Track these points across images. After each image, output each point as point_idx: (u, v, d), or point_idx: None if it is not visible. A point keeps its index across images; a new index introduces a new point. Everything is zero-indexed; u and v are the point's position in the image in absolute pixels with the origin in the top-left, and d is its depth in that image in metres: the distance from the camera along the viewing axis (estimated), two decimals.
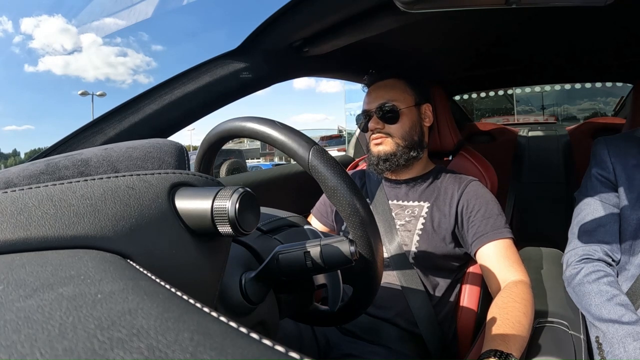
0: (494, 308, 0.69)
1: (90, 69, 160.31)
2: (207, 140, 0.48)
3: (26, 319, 0.14)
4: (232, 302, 0.38)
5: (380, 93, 0.92)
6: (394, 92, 0.92)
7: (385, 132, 0.90)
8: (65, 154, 0.31)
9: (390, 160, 0.90)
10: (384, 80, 0.94)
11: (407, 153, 0.90)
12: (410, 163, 0.92)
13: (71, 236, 0.22)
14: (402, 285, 0.84)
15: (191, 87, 0.79)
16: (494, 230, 0.81)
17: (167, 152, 0.33)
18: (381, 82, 0.94)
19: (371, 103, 0.92)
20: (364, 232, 0.41)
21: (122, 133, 0.74)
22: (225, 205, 0.29)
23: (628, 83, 1.68)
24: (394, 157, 0.90)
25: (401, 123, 0.90)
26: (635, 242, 0.70)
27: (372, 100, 0.92)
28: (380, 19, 0.80)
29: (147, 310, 0.16)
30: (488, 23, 1.00)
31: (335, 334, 0.83)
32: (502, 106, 3.09)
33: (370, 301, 0.47)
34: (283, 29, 0.84)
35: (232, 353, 0.14)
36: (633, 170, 0.74)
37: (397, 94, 0.91)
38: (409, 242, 0.87)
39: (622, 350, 0.61)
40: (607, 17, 0.94)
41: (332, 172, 0.40)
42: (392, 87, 0.93)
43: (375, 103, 0.91)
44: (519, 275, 0.76)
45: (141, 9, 3.25)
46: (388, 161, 0.90)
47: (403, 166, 0.91)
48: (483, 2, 0.60)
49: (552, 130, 1.97)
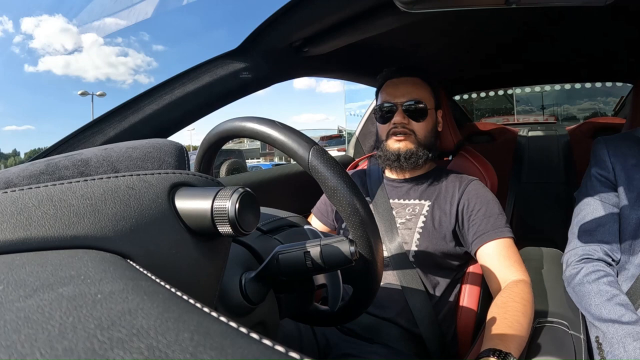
0: (494, 308, 0.69)
1: (90, 69, 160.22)
2: (207, 140, 0.48)
3: (26, 319, 0.14)
4: (232, 302, 0.38)
5: (408, 89, 0.91)
6: (422, 91, 0.91)
7: (410, 128, 0.89)
8: (65, 154, 0.31)
9: (411, 159, 0.89)
10: (410, 77, 0.93)
11: (426, 153, 0.90)
12: (424, 163, 0.92)
13: (71, 236, 0.22)
14: (402, 285, 0.83)
15: (191, 87, 0.79)
16: (494, 230, 0.81)
17: (167, 152, 0.33)
18: (409, 78, 0.93)
19: (397, 97, 0.90)
20: (364, 232, 0.41)
21: (122, 133, 0.74)
22: (225, 205, 0.29)
23: (628, 83, 1.69)
24: (415, 155, 0.89)
25: (426, 122, 0.90)
26: (635, 242, 0.70)
27: (399, 94, 0.90)
28: (381, 18, 0.80)
29: (147, 310, 0.16)
30: (488, 23, 1.00)
31: (335, 333, 0.83)
32: (502, 106, 3.09)
33: (371, 301, 0.47)
34: (283, 29, 0.84)
35: (232, 353, 0.14)
36: (633, 170, 0.74)
37: (424, 94, 0.91)
38: (409, 240, 0.87)
39: (622, 350, 0.61)
40: (607, 17, 0.94)
41: (332, 172, 0.40)
42: (420, 86, 0.92)
43: (402, 97, 0.89)
44: (519, 274, 0.76)
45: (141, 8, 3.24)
46: (409, 159, 0.89)
47: (419, 166, 0.91)
48: (483, 2, 0.60)
49: (552, 130, 1.97)
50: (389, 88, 0.93)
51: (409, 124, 0.89)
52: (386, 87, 0.94)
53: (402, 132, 0.89)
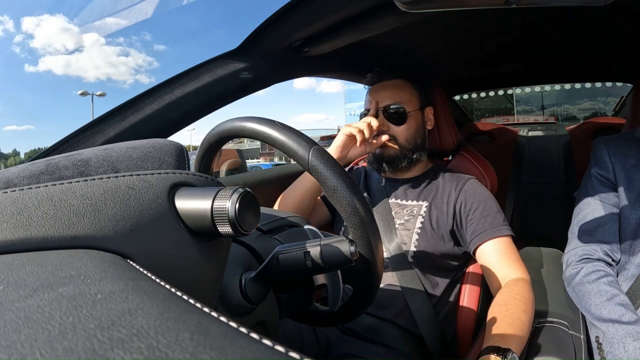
0: (494, 306, 0.69)
1: (91, 69, 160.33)
2: (207, 140, 0.48)
3: (26, 319, 0.14)
4: (232, 302, 0.38)
5: (387, 93, 0.90)
6: (402, 94, 0.90)
7: (390, 133, 0.89)
8: (65, 154, 0.31)
9: (393, 163, 0.90)
10: (391, 80, 0.93)
11: (409, 156, 0.90)
12: (412, 165, 0.92)
13: (71, 236, 0.22)
14: (402, 286, 0.83)
15: (191, 87, 0.79)
16: (492, 228, 0.81)
17: (167, 152, 0.33)
18: (388, 82, 0.93)
19: (377, 102, 0.90)
20: (364, 232, 0.41)
21: (122, 133, 0.73)
22: (225, 205, 0.29)
23: (628, 83, 1.69)
24: (397, 159, 0.89)
25: (407, 125, 0.90)
26: (635, 242, 0.70)
27: (378, 100, 0.90)
28: (381, 18, 0.80)
29: (147, 310, 0.16)
30: (488, 23, 1.00)
31: (335, 333, 0.83)
32: (502, 106, 3.09)
33: (371, 301, 0.47)
34: (283, 29, 0.84)
35: (232, 353, 0.14)
36: (632, 170, 0.74)
37: (404, 96, 0.90)
38: (408, 241, 0.87)
39: (622, 350, 0.61)
40: (607, 17, 0.94)
41: (332, 172, 0.40)
42: (400, 88, 0.91)
43: (382, 103, 0.90)
44: (519, 273, 0.76)
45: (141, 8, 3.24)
46: (391, 164, 0.90)
47: (405, 168, 0.91)
48: (483, 2, 0.60)
49: (552, 130, 1.97)
50: (370, 93, 0.94)
51: (390, 129, 0.89)
52: (370, 92, 0.95)
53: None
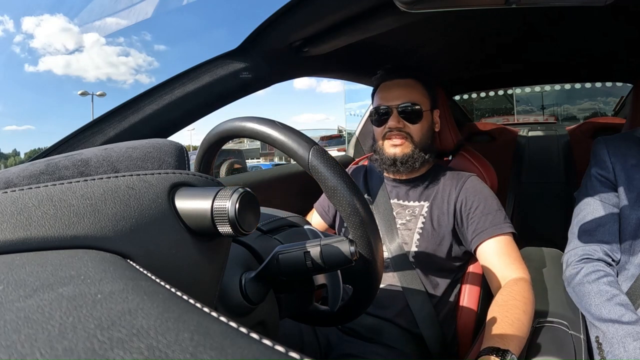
0: (494, 306, 0.69)
1: (91, 69, 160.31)
2: (207, 140, 0.48)
3: (26, 319, 0.14)
4: (232, 302, 0.38)
5: (402, 91, 0.90)
6: (417, 93, 0.90)
7: (406, 131, 0.88)
8: (65, 154, 0.31)
9: (407, 163, 0.88)
10: (405, 79, 0.92)
11: (422, 156, 0.89)
12: (422, 166, 0.91)
13: (71, 236, 0.22)
14: (403, 286, 0.83)
15: (191, 87, 0.79)
16: (493, 226, 0.81)
17: (167, 152, 0.33)
18: (400, 80, 0.92)
19: (392, 100, 0.89)
20: (364, 232, 0.41)
21: (122, 133, 0.73)
22: (225, 205, 0.29)
23: (628, 83, 1.69)
24: (411, 159, 0.88)
25: (421, 124, 0.89)
26: (635, 242, 0.70)
27: (393, 97, 0.89)
28: (381, 18, 0.80)
29: (147, 310, 0.16)
30: (488, 23, 1.00)
31: (335, 333, 0.83)
32: (502, 106, 3.09)
33: (371, 301, 0.47)
34: (283, 29, 0.84)
35: (232, 353, 0.14)
36: (632, 170, 0.74)
37: (419, 96, 0.90)
38: (409, 240, 0.87)
39: (622, 350, 0.61)
40: (607, 17, 0.94)
41: (332, 172, 0.40)
42: (413, 87, 0.91)
43: (397, 100, 0.89)
44: (519, 272, 0.76)
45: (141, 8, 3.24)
46: (405, 164, 0.88)
47: (415, 169, 0.90)
48: (483, 2, 0.60)
49: (552, 130, 1.97)
50: (383, 91, 0.93)
51: (405, 127, 0.89)
52: (380, 89, 0.94)
53: (397, 135, 0.88)
